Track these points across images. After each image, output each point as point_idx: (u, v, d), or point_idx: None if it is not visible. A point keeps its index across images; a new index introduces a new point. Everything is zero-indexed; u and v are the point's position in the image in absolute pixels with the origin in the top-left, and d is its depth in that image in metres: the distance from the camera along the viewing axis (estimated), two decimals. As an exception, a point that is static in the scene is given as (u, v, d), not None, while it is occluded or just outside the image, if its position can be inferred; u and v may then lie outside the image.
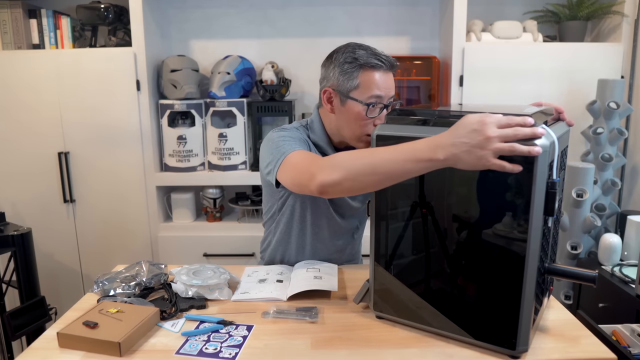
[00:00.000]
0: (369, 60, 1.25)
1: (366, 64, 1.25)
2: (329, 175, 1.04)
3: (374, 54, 1.26)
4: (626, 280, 1.81)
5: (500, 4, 2.64)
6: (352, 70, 1.25)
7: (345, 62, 1.26)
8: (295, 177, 1.16)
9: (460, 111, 1.09)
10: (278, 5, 2.68)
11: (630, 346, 1.37)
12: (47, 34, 2.46)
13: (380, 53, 1.28)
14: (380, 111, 1.27)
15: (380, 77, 1.26)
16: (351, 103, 1.27)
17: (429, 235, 1.05)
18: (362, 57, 1.25)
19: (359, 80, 1.25)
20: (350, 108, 1.27)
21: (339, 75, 1.27)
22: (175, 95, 2.46)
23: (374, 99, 1.25)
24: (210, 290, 1.27)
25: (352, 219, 1.53)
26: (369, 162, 0.99)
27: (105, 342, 1.02)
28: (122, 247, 2.55)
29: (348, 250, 1.55)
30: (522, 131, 0.86)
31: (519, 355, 0.99)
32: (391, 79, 1.29)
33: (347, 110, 1.28)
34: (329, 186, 1.04)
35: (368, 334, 1.10)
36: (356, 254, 1.63)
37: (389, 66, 1.27)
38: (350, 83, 1.26)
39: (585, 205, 2.17)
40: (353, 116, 1.27)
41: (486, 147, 0.86)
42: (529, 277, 0.94)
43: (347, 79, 1.26)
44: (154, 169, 2.50)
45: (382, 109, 1.27)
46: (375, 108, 1.26)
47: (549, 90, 2.41)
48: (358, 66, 1.25)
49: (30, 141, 2.44)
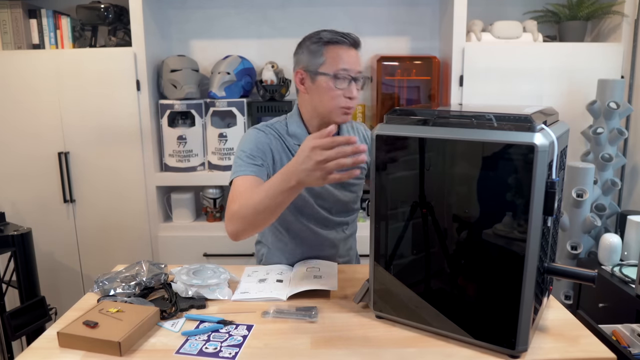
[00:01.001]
0: (332, 37, 1.35)
1: (330, 41, 1.35)
2: (230, 227, 1.23)
3: (336, 33, 1.36)
4: (626, 280, 1.81)
5: (500, 4, 2.64)
6: (318, 48, 1.35)
7: (311, 43, 1.37)
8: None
9: (460, 111, 1.09)
10: (278, 5, 2.68)
11: (630, 346, 1.37)
12: (47, 34, 2.46)
13: (344, 32, 1.37)
14: (349, 83, 1.35)
15: (344, 52, 1.35)
16: (320, 78, 1.35)
17: (428, 235, 1.05)
18: (325, 36, 1.36)
19: (325, 56, 1.34)
20: (320, 83, 1.35)
21: (307, 56, 1.37)
22: (175, 95, 2.46)
23: (340, 71, 1.33)
24: (210, 290, 1.27)
25: (342, 214, 1.54)
26: (252, 206, 1.18)
27: (106, 342, 1.02)
28: (122, 247, 2.55)
29: (341, 246, 1.57)
30: (344, 150, 1.01)
31: (518, 354, 0.99)
32: (356, 55, 1.37)
33: (317, 86, 1.36)
34: (233, 235, 1.24)
35: (368, 334, 1.10)
36: (350, 251, 1.63)
37: (352, 43, 1.36)
38: (318, 60, 1.35)
39: (585, 205, 2.17)
40: (324, 90, 1.35)
41: (318, 169, 1.03)
42: (529, 277, 0.94)
43: (315, 57, 1.35)
44: (154, 169, 2.50)
45: (350, 82, 1.35)
46: (343, 81, 1.34)
47: (549, 90, 2.41)
48: (323, 44, 1.35)
49: (30, 141, 2.45)
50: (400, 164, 1.06)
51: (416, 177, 1.04)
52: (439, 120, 1.01)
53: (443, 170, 1.01)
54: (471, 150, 0.96)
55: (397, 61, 2.51)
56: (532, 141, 0.89)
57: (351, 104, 1.36)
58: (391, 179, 1.08)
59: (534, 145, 0.89)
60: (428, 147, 1.01)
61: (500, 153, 0.93)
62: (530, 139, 0.89)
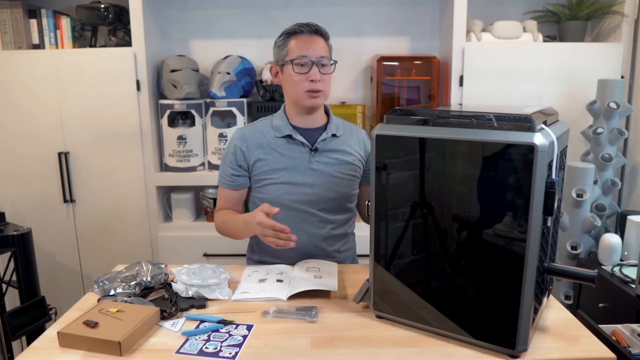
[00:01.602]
0: (293, 29, 1.46)
1: (291, 33, 1.46)
2: (216, 228, 1.58)
3: (297, 24, 1.46)
4: (626, 280, 1.81)
5: (500, 4, 2.65)
6: (283, 42, 1.47)
7: (279, 38, 1.49)
8: None
9: (460, 111, 1.09)
10: (278, 5, 2.68)
11: (630, 346, 1.37)
12: (47, 34, 2.46)
13: (306, 22, 1.46)
14: (310, 68, 1.42)
15: (303, 40, 1.44)
16: (286, 68, 1.46)
17: (428, 235, 1.05)
18: (289, 29, 1.47)
19: (287, 47, 1.46)
20: (286, 72, 1.47)
21: (276, 51, 1.49)
22: (175, 95, 2.46)
23: (299, 57, 1.43)
24: (210, 290, 1.27)
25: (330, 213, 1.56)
26: (226, 229, 1.55)
27: (106, 342, 1.02)
28: (122, 247, 2.55)
29: (333, 241, 1.56)
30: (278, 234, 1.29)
31: (518, 354, 0.99)
32: (318, 42, 1.45)
33: (285, 76, 1.48)
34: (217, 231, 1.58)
35: (368, 334, 1.10)
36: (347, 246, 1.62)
37: (311, 30, 1.46)
38: (283, 52, 1.46)
39: (585, 205, 2.17)
40: (289, 77, 1.46)
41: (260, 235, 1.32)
42: (529, 277, 0.94)
43: (281, 50, 1.47)
44: (154, 169, 2.50)
45: (312, 66, 1.43)
46: (303, 66, 1.43)
47: (549, 90, 2.41)
48: (286, 36, 1.47)
49: (30, 141, 2.45)
50: (401, 164, 1.06)
51: (416, 177, 1.04)
52: (439, 120, 1.01)
53: (443, 170, 1.01)
54: (471, 150, 0.96)
55: (397, 61, 2.51)
56: (532, 141, 0.89)
57: (315, 87, 1.44)
58: (391, 179, 1.08)
59: (534, 145, 0.89)
60: (428, 147, 1.01)
61: (500, 153, 0.93)
62: (530, 139, 0.89)
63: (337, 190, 1.52)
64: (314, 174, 1.50)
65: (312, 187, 1.49)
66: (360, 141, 1.59)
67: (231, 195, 1.55)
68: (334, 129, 1.53)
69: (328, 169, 1.51)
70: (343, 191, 1.53)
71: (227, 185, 1.55)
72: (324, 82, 1.45)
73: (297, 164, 1.49)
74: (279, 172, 1.49)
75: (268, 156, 1.50)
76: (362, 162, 1.58)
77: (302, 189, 1.49)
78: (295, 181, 1.49)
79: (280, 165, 1.49)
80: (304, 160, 1.50)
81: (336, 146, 1.53)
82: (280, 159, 1.49)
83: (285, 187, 1.49)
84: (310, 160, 1.50)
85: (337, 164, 1.52)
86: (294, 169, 1.49)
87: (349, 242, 1.64)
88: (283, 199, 1.49)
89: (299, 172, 1.49)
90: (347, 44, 2.69)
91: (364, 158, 1.59)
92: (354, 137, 1.58)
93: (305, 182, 1.49)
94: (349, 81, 2.76)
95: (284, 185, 1.49)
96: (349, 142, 1.56)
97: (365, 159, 1.59)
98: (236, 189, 1.55)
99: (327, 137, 1.52)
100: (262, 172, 1.50)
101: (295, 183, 1.49)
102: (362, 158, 1.58)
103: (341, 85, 2.75)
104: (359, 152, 1.57)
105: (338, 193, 1.52)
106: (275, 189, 1.50)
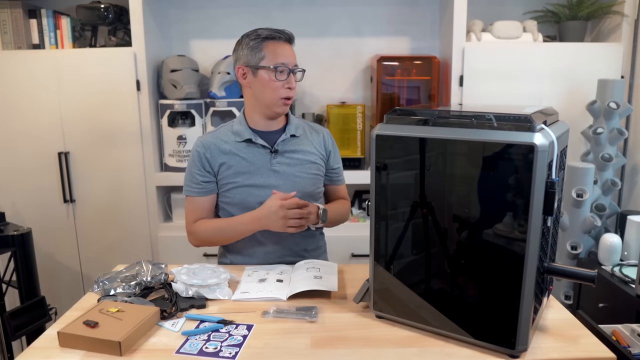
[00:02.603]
0: (269, 34, 1.47)
1: (268, 37, 1.46)
2: (192, 241, 1.59)
3: (273, 30, 1.48)
4: (626, 280, 1.81)
5: (500, 4, 2.65)
6: (257, 45, 1.46)
7: (250, 40, 1.47)
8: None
9: (460, 111, 1.09)
10: (278, 5, 2.68)
11: (630, 346, 1.37)
12: (47, 34, 2.46)
13: (278, 29, 1.49)
14: (288, 75, 1.46)
15: (281, 47, 1.47)
16: (261, 72, 1.46)
17: (429, 235, 1.05)
18: (263, 32, 1.47)
19: (264, 51, 1.46)
20: (262, 76, 1.46)
21: (247, 52, 1.47)
22: (175, 95, 2.46)
23: (280, 65, 1.45)
24: (210, 290, 1.27)
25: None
26: (216, 234, 1.53)
27: (106, 342, 1.02)
28: (122, 247, 2.55)
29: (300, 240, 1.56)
30: (300, 212, 1.41)
31: (518, 354, 0.99)
32: (291, 50, 1.50)
33: (259, 79, 1.47)
34: (194, 245, 1.60)
35: (368, 334, 1.10)
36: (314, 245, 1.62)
37: (287, 38, 1.49)
38: (258, 55, 1.46)
39: (585, 205, 2.17)
40: (266, 82, 1.46)
41: (281, 220, 1.40)
42: (529, 277, 0.94)
43: (255, 53, 1.46)
44: (154, 169, 2.50)
45: (289, 74, 1.46)
46: (283, 73, 1.45)
47: (549, 90, 2.41)
48: (261, 40, 1.46)
49: (30, 141, 2.45)
50: (401, 164, 1.06)
51: (416, 177, 1.04)
52: (439, 120, 1.01)
53: (443, 170, 1.01)
54: (471, 150, 0.96)
55: (397, 61, 2.51)
56: (532, 141, 0.89)
57: (291, 94, 1.48)
58: (391, 179, 1.08)
59: (534, 145, 0.89)
60: (428, 147, 1.01)
61: (500, 153, 0.93)
62: (530, 139, 0.89)
63: (300, 190, 1.52)
64: (276, 175, 1.52)
65: (275, 188, 1.49)
66: (321, 141, 1.60)
67: (203, 204, 1.54)
68: (293, 130, 1.55)
69: (290, 169, 1.53)
70: (307, 190, 1.55)
71: (196, 192, 1.53)
72: (294, 90, 1.50)
73: (259, 167, 1.51)
74: (241, 175, 1.51)
75: (231, 160, 1.51)
76: (324, 161, 1.60)
77: (266, 190, 1.49)
78: (258, 183, 1.51)
79: (243, 168, 1.51)
80: (266, 162, 1.52)
81: (296, 146, 1.55)
82: (242, 162, 1.51)
83: (249, 189, 1.51)
84: (272, 162, 1.52)
85: (298, 164, 1.54)
86: (256, 172, 1.51)
87: (316, 242, 1.64)
88: (248, 202, 1.50)
89: (261, 175, 1.51)
90: (347, 44, 2.70)
91: (325, 157, 1.60)
92: (315, 137, 1.59)
93: (269, 183, 1.51)
94: (349, 81, 2.76)
95: (247, 188, 1.51)
96: (309, 142, 1.57)
97: (326, 158, 1.61)
98: (207, 195, 1.54)
99: (286, 138, 1.54)
100: (226, 176, 1.52)
101: (259, 185, 1.51)
102: (323, 157, 1.59)
103: (341, 85, 2.75)
104: (319, 151, 1.58)
105: (302, 192, 1.52)
106: (240, 192, 1.51)
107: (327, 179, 1.63)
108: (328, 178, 1.63)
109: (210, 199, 1.55)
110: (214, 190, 1.55)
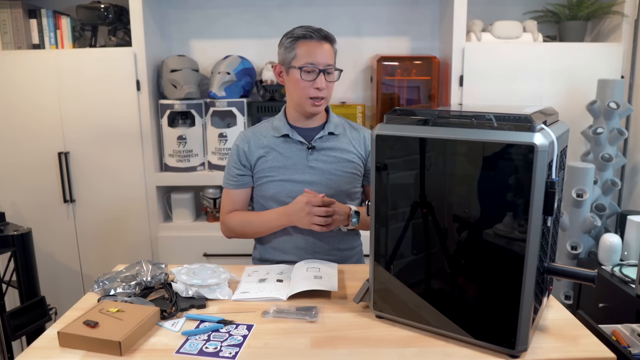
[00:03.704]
0: (302, 33, 1.46)
1: (300, 37, 1.46)
2: (224, 232, 1.61)
3: (307, 29, 1.47)
4: (626, 280, 1.81)
5: (500, 4, 2.65)
6: (290, 44, 1.47)
7: (286, 39, 1.49)
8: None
9: (460, 111, 1.09)
10: (278, 5, 2.68)
11: (630, 346, 1.37)
12: (47, 34, 2.46)
13: (316, 28, 1.48)
14: (317, 76, 1.45)
15: (313, 47, 1.45)
16: (292, 71, 1.48)
17: (429, 235, 1.05)
18: (297, 32, 1.47)
19: (296, 51, 1.46)
20: (292, 75, 1.48)
21: (283, 51, 1.49)
22: (175, 95, 2.46)
23: (307, 65, 1.45)
24: (210, 289, 1.27)
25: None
26: (248, 228, 1.56)
27: (106, 342, 1.02)
28: (122, 247, 2.55)
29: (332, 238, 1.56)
30: (326, 210, 1.40)
31: (518, 354, 0.99)
32: (326, 49, 1.47)
33: (290, 78, 1.49)
34: (226, 236, 1.62)
35: (368, 334, 1.10)
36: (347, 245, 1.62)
37: (320, 37, 1.47)
38: (290, 55, 1.47)
39: (585, 205, 2.17)
40: (295, 82, 1.48)
41: (307, 217, 1.41)
42: (529, 277, 0.94)
43: (288, 52, 1.47)
44: (154, 169, 2.50)
45: (319, 74, 1.45)
46: (310, 73, 1.45)
47: (549, 90, 2.41)
48: (294, 40, 1.47)
49: (30, 141, 2.45)
50: (401, 163, 1.06)
51: (416, 177, 1.04)
52: (439, 120, 1.01)
53: (443, 170, 1.01)
54: (471, 150, 0.96)
55: (397, 61, 2.52)
56: (532, 141, 0.89)
57: (320, 94, 1.47)
58: (391, 179, 1.08)
59: (534, 145, 0.89)
60: (428, 147, 1.01)
61: (500, 153, 0.93)
62: (530, 139, 0.89)
63: (336, 188, 1.53)
64: (312, 171, 1.52)
65: (310, 185, 1.50)
66: (362, 140, 1.59)
67: (238, 196, 1.58)
68: (332, 128, 1.55)
69: (326, 166, 1.53)
70: (342, 188, 1.54)
71: (232, 185, 1.57)
72: (327, 89, 1.48)
73: (295, 162, 1.52)
74: (277, 169, 1.52)
75: (268, 155, 1.53)
76: (363, 161, 1.59)
77: (301, 186, 1.50)
78: (293, 178, 1.52)
79: (279, 163, 1.52)
80: (302, 158, 1.53)
81: (334, 144, 1.55)
82: (279, 157, 1.53)
83: (283, 184, 1.52)
84: (308, 158, 1.52)
85: (335, 162, 1.54)
86: (292, 167, 1.52)
87: (349, 242, 1.63)
88: (281, 196, 1.52)
89: (297, 170, 1.52)
90: (347, 44, 2.70)
91: (364, 157, 1.59)
92: (355, 136, 1.59)
93: (304, 179, 1.52)
94: (349, 81, 2.76)
95: (282, 183, 1.52)
96: (348, 140, 1.57)
97: (365, 158, 1.60)
98: (242, 188, 1.58)
99: (324, 135, 1.54)
100: (262, 169, 1.54)
101: (294, 180, 1.52)
102: (362, 157, 1.58)
103: (341, 85, 2.75)
104: (358, 151, 1.57)
105: (337, 190, 1.53)
106: (274, 186, 1.53)
107: (366, 179, 1.61)
108: (367, 179, 1.61)
109: (244, 192, 1.58)
110: (249, 184, 1.58)
